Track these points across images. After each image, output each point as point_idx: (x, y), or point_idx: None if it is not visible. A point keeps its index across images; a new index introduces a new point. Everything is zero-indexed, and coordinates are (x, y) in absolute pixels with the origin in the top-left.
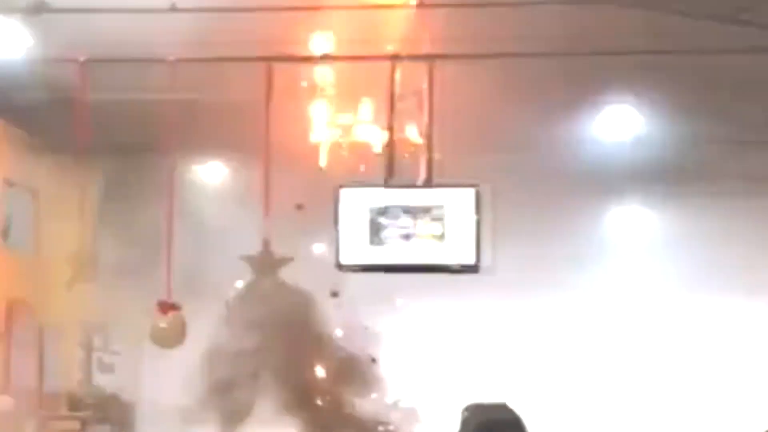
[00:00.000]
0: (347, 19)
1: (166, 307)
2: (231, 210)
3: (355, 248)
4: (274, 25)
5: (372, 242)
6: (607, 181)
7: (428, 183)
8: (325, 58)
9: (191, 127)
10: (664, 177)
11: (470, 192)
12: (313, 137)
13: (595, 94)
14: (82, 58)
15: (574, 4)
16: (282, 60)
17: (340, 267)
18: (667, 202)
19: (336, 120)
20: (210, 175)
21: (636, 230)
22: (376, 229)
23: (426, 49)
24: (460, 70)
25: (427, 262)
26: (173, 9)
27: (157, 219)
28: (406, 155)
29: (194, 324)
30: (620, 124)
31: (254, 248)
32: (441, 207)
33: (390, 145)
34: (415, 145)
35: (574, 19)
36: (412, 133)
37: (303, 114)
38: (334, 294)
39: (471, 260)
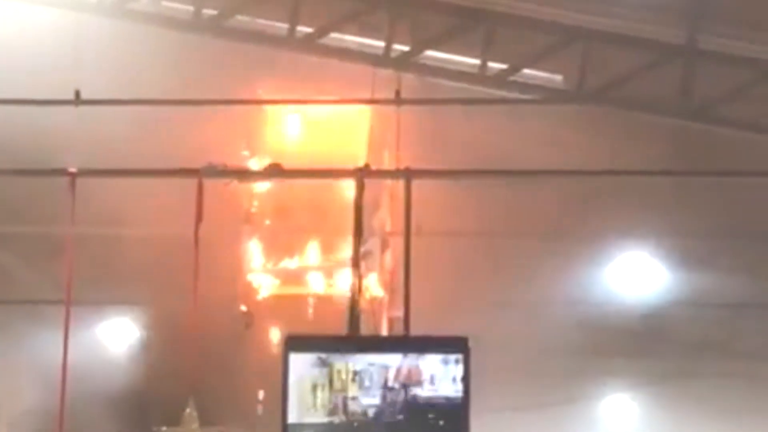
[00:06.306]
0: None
1: None
2: None
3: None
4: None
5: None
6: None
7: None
8: (274, 171)
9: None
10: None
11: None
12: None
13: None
14: None
15: None
16: (217, 176)
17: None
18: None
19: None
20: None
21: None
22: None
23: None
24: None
25: None
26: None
27: None
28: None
29: None
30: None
31: None
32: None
33: (355, 292)
34: (374, 299)
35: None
36: (372, 283)
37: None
38: None
39: None
